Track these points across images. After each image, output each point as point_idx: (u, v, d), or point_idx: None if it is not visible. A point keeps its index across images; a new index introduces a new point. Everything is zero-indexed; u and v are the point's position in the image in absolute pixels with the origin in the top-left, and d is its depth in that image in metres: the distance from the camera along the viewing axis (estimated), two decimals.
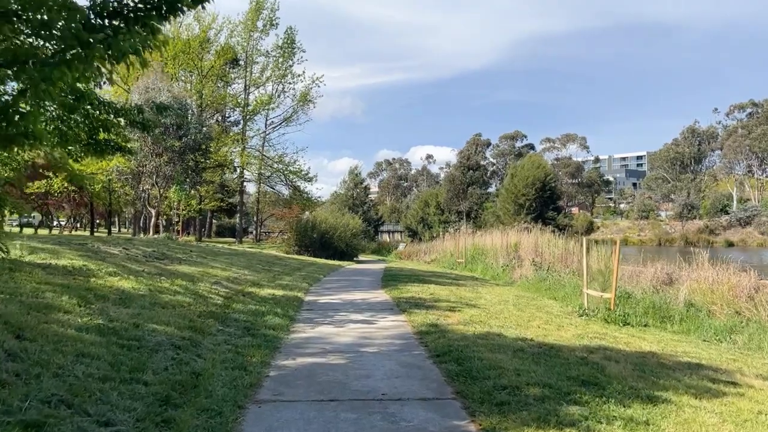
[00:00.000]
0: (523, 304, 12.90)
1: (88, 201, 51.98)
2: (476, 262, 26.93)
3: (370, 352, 7.26)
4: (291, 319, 9.39)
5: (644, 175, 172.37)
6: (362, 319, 9.83)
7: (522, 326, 9.54)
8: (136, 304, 7.92)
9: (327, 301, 12.21)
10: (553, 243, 24.04)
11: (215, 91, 46.27)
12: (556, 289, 16.23)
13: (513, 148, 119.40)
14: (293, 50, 46.55)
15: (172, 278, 10.88)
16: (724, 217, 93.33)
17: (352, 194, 59.24)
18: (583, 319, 11.17)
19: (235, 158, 46.49)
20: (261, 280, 14.22)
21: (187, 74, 46.64)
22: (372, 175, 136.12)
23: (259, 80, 47.63)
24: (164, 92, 28.21)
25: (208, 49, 46.31)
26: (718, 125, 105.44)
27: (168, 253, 15.09)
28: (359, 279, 18.46)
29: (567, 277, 17.15)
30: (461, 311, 10.68)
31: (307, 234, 31.79)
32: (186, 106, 29.20)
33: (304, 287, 14.31)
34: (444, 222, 66.16)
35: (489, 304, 12.37)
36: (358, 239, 37.54)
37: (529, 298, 14.90)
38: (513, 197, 54.02)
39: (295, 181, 47.51)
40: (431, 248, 37.93)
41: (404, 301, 11.90)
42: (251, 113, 47.05)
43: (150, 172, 28.88)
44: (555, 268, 19.41)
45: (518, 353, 7.17)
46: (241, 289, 12.01)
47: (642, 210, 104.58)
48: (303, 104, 46.89)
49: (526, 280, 19.11)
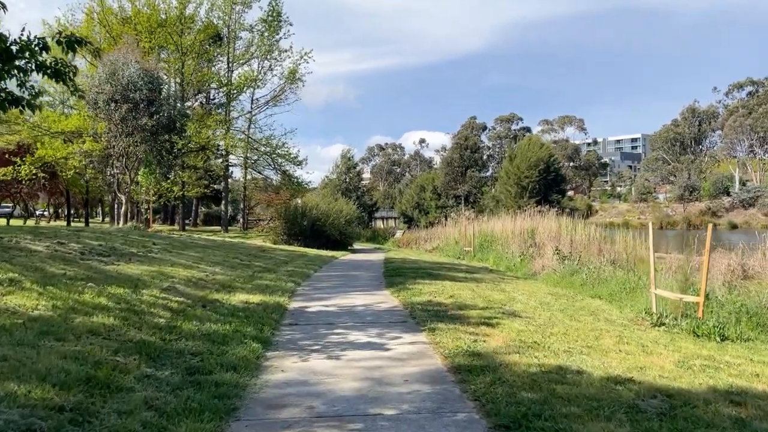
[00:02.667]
0: (570, 309, 10.07)
1: (64, 189, 48.97)
2: (486, 250, 24.10)
3: (386, 415, 4.38)
4: (265, 345, 6.49)
5: (639, 158, 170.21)
6: (367, 341, 6.94)
7: (596, 349, 6.70)
8: (13, 339, 4.99)
9: (318, 309, 9.31)
10: (573, 228, 21.32)
11: (197, 70, 42.89)
12: (596, 285, 13.42)
13: (509, 131, 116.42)
14: (279, 23, 43.17)
15: (104, 285, 7.94)
16: (726, 199, 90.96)
17: (344, 179, 56.13)
18: (662, 332, 8.35)
19: (219, 141, 43.18)
20: (235, 281, 11.28)
21: (168, 53, 43.25)
22: (364, 161, 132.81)
23: (243, 56, 44.26)
24: (132, 64, 25.01)
25: (188, 24, 42.90)
26: (718, 104, 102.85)
27: (120, 248, 12.13)
28: (357, 274, 15.55)
29: (606, 269, 14.32)
30: (501, 324, 7.82)
31: (297, 221, 28.81)
32: (159, 80, 26.01)
33: (290, 288, 11.39)
34: (441, 207, 63.24)
35: (529, 309, 9.52)
36: (353, 226, 34.59)
37: (568, 297, 12.07)
38: (515, 179, 51.08)
39: (284, 165, 44.35)
40: (432, 235, 35.08)
41: (420, 308, 9.02)
42: (235, 90, 43.69)
43: (119, 155, 25.75)
44: (584, 258, 16.61)
45: (633, 416, 4.32)
46: (203, 295, 9.09)
47: (642, 192, 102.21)
48: (291, 82, 43.59)
49: (553, 273, 16.29)
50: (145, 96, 25.07)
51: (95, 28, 42.41)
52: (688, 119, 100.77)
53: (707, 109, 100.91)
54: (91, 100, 25.22)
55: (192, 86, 45.01)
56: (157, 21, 39.88)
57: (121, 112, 24.77)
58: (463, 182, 68.55)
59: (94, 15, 41.39)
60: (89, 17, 41.34)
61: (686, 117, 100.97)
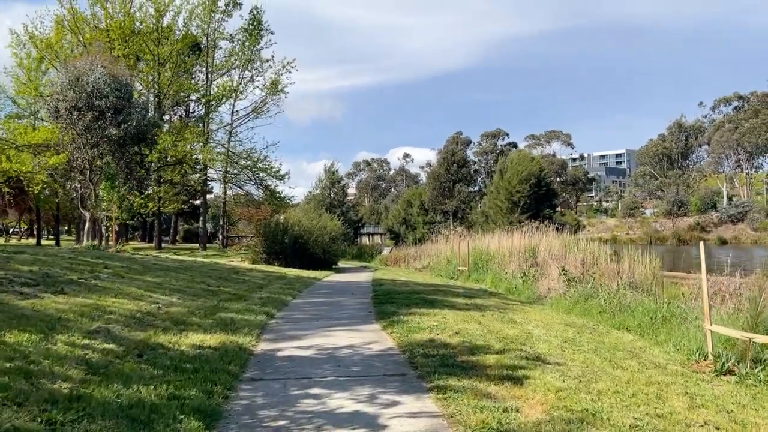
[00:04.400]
0: (602, 348, 8.23)
1: (34, 206, 46.43)
2: (482, 270, 22.27)
3: None
4: (211, 421, 4.56)
5: (624, 173, 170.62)
6: (354, 409, 5.03)
7: (670, 420, 4.84)
8: None
9: (292, 352, 7.38)
10: (575, 245, 19.59)
11: (174, 80, 40.89)
12: (618, 314, 11.61)
13: (495, 146, 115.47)
14: (260, 32, 41.44)
15: (7, 329, 5.96)
16: (715, 214, 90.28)
17: (329, 194, 54.12)
18: (733, 383, 6.53)
19: (197, 155, 41.08)
20: (193, 314, 9.31)
21: (145, 63, 41.22)
22: (350, 176, 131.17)
23: (223, 66, 42.38)
24: (98, 69, 23.05)
25: (165, 34, 40.96)
26: (704, 119, 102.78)
27: (57, 274, 10.12)
28: (342, 301, 13.60)
29: (627, 294, 12.52)
30: (531, 379, 5.95)
31: (277, 239, 26.76)
32: (127, 87, 24.04)
33: (260, 322, 9.43)
34: (429, 223, 61.43)
35: (555, 351, 7.66)
36: (338, 244, 32.60)
37: (591, 329, 10.25)
38: (506, 194, 49.44)
39: (266, 179, 42.35)
40: (421, 252, 33.20)
41: (421, 352, 7.13)
42: (214, 102, 41.71)
43: (82, 167, 23.65)
44: (598, 280, 14.81)
45: None
46: (144, 338, 7.11)
47: (630, 207, 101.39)
48: (273, 93, 41.75)
49: (562, 298, 14.47)
50: (112, 104, 23.10)
51: (67, 36, 40.44)
52: (675, 134, 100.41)
53: (694, 123, 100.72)
54: (52, 108, 23.21)
55: (169, 98, 43.05)
56: (131, 28, 37.92)
57: (85, 120, 22.76)
58: (451, 197, 66.91)
59: (64, 22, 39.37)
60: (59, 25, 39.30)
61: (673, 132, 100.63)
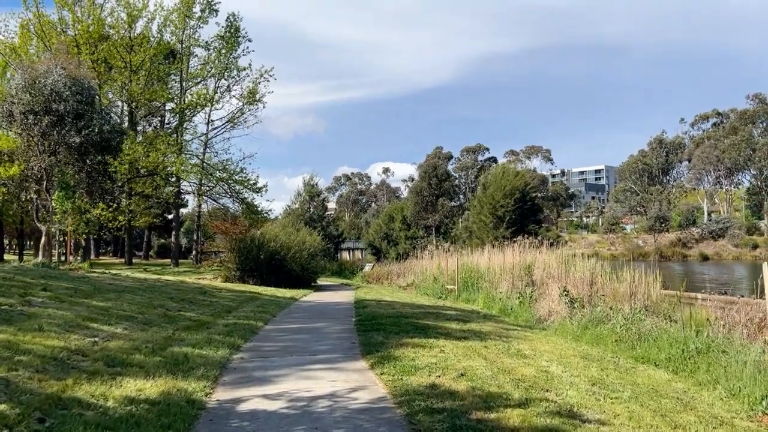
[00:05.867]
0: (642, 394, 6.69)
1: None
2: (472, 289, 20.74)
3: None
4: None
5: (603, 189, 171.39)
6: None
7: None
8: None
9: (255, 406, 5.71)
10: (571, 263, 18.19)
11: (147, 88, 38.98)
12: (639, 343, 10.11)
13: (475, 161, 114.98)
14: (237, 40, 39.79)
15: None
16: (696, 230, 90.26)
17: (308, 208, 52.30)
18: None
19: (171, 166, 39.09)
20: (138, 349, 7.58)
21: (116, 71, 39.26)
22: (330, 190, 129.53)
23: (199, 74, 40.60)
24: (57, 70, 21.25)
25: (138, 41, 39.11)
26: (684, 135, 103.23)
27: None
28: (321, 327, 11.89)
29: (646, 320, 11.03)
30: None
31: (252, 255, 24.98)
32: (90, 90, 22.23)
33: (220, 360, 7.72)
34: (411, 238, 59.88)
35: (588, 400, 6.09)
36: (317, 260, 30.88)
37: (615, 364, 8.73)
38: (490, 209, 48.11)
39: (242, 192, 40.48)
40: (405, 269, 31.59)
41: (422, 407, 5.51)
42: (188, 110, 39.84)
43: (38, 177, 21.71)
44: (608, 303, 13.32)
45: None
46: (58, 390, 5.38)
47: (611, 223, 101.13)
48: (250, 102, 40.05)
49: (567, 322, 12.96)
50: (72, 108, 21.27)
51: (33, 41, 38.47)
52: (656, 150, 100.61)
53: (674, 139, 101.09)
54: (5, 112, 21.30)
55: (142, 107, 41.16)
56: (100, 33, 36.05)
57: (42, 125, 20.91)
58: (434, 212, 65.46)
59: (30, 27, 37.40)
60: (24, 29, 37.29)
61: (654, 147, 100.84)
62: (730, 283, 34.54)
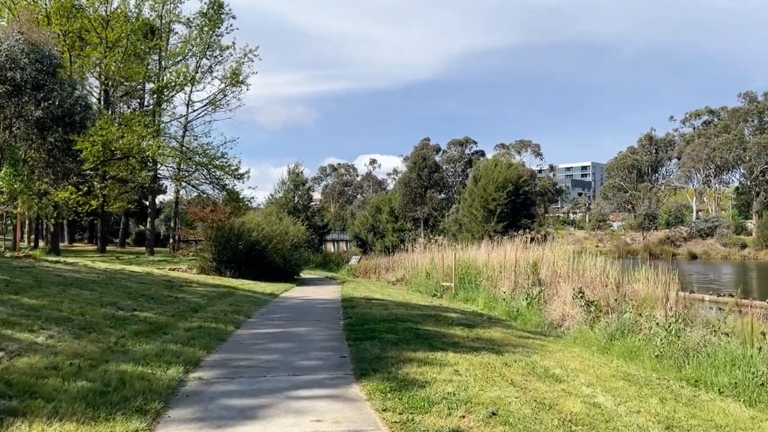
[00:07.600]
0: None
1: None
2: (470, 287, 19.01)
3: None
4: None
5: (590, 186, 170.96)
6: None
7: None
8: None
9: None
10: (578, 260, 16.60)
11: (125, 65, 36.66)
12: (687, 361, 8.41)
13: (463, 154, 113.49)
14: (220, 17, 37.61)
15: None
16: (684, 228, 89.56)
17: (292, 197, 50.23)
18: None
19: (146, 149, 36.83)
20: (57, 368, 5.67)
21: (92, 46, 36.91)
22: (316, 180, 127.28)
23: (179, 53, 38.35)
24: (14, 35, 19.06)
25: (116, 16, 36.78)
26: (674, 132, 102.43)
27: None
28: (304, 333, 10.01)
29: (694, 333, 9.31)
30: None
31: (230, 245, 23.01)
32: (51, 59, 20.07)
33: (169, 382, 5.83)
34: (399, 230, 58.10)
35: None
36: (300, 251, 28.99)
37: (668, 390, 6.99)
38: (481, 202, 46.44)
39: (223, 178, 38.37)
40: (394, 263, 29.80)
41: None
42: (167, 89, 37.59)
43: None
44: (630, 308, 11.62)
45: None
46: None
47: (599, 220, 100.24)
48: (233, 84, 37.91)
49: (588, 330, 11.25)
50: (30, 77, 19.12)
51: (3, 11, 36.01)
52: (646, 147, 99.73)
53: (664, 137, 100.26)
54: None
55: (118, 85, 38.85)
56: (72, 3, 33.69)
57: None
58: (423, 204, 63.72)
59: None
60: None
61: (644, 144, 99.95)
62: (735, 284, 32.88)
